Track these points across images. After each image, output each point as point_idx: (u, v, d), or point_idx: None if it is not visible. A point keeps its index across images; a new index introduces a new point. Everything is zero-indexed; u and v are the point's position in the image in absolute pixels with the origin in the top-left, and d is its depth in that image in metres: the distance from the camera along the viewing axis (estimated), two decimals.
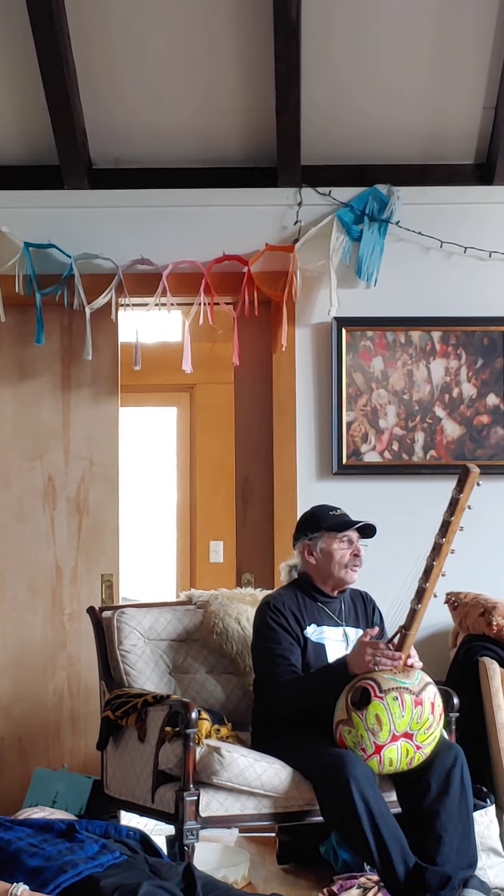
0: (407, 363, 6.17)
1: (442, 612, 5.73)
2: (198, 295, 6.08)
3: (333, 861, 5.04)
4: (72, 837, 3.65)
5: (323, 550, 4.91)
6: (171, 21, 5.67)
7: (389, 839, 4.25)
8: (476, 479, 4.41)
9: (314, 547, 4.93)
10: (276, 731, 4.78)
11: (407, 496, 6.12)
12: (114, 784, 5.02)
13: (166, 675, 5.20)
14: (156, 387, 8.72)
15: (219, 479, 8.67)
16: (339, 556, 4.89)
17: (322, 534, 4.92)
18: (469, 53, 5.83)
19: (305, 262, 6.15)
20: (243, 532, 6.32)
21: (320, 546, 4.91)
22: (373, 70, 5.90)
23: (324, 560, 4.91)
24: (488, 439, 6.14)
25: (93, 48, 5.77)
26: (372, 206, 6.18)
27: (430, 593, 4.48)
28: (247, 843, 5.58)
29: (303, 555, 4.95)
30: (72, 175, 6.19)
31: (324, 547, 4.91)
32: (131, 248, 6.17)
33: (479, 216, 6.25)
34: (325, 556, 4.91)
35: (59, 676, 6.17)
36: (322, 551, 4.91)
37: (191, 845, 4.40)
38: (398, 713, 4.36)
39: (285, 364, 6.20)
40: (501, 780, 5.18)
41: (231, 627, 5.29)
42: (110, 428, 6.28)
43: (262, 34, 5.64)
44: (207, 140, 6.21)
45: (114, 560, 6.23)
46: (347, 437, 6.13)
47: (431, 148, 6.26)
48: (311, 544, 4.93)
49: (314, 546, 4.93)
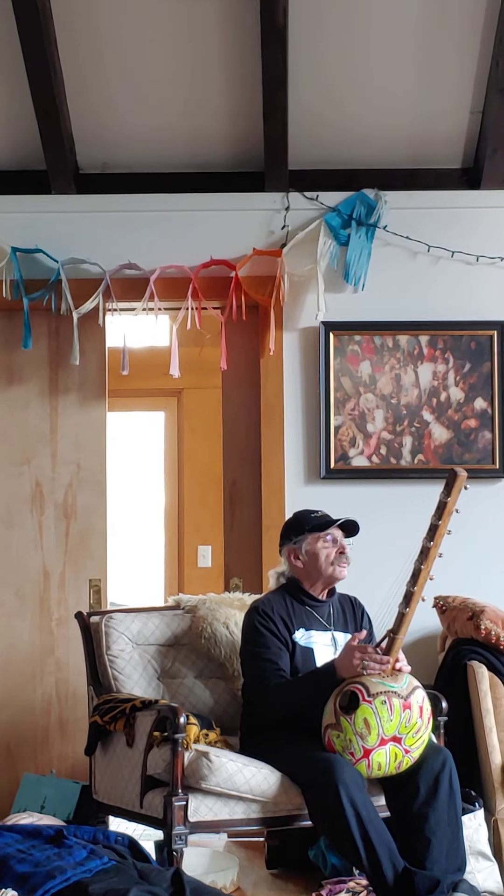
0: (395, 367, 6.18)
1: (430, 615, 5.73)
2: (185, 299, 6.08)
3: (322, 865, 5.04)
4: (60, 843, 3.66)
5: (308, 552, 4.91)
6: (158, 26, 5.67)
7: (378, 843, 4.25)
8: (464, 483, 4.42)
9: (299, 550, 4.93)
10: (264, 735, 4.78)
11: (395, 500, 6.12)
12: (102, 789, 5.01)
13: (154, 680, 5.20)
14: (143, 391, 8.72)
15: (207, 484, 8.67)
16: (324, 555, 4.89)
17: (305, 536, 4.92)
18: (455, 58, 5.84)
19: (293, 266, 6.15)
20: (231, 537, 6.32)
21: (305, 548, 4.92)
22: (360, 75, 5.90)
23: (310, 561, 4.91)
24: (476, 443, 6.15)
25: (80, 53, 5.77)
26: (359, 211, 6.19)
27: (419, 597, 4.49)
28: (236, 847, 5.57)
29: (289, 559, 4.96)
30: (59, 180, 6.19)
31: (308, 549, 4.91)
32: (118, 252, 6.17)
33: (467, 220, 6.26)
34: (311, 558, 4.91)
35: (48, 682, 6.16)
36: (308, 553, 4.91)
37: (179, 850, 4.39)
38: (387, 717, 4.37)
39: (273, 368, 6.20)
40: (490, 784, 5.18)
41: (219, 632, 5.29)
42: (98, 433, 6.27)
43: (249, 39, 5.64)
44: (195, 145, 6.22)
45: (102, 565, 6.22)
46: (335, 442, 6.13)
47: (418, 152, 6.27)
48: (296, 548, 4.94)
49: (299, 549, 4.93)
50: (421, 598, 4.50)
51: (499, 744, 5.21)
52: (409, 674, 4.55)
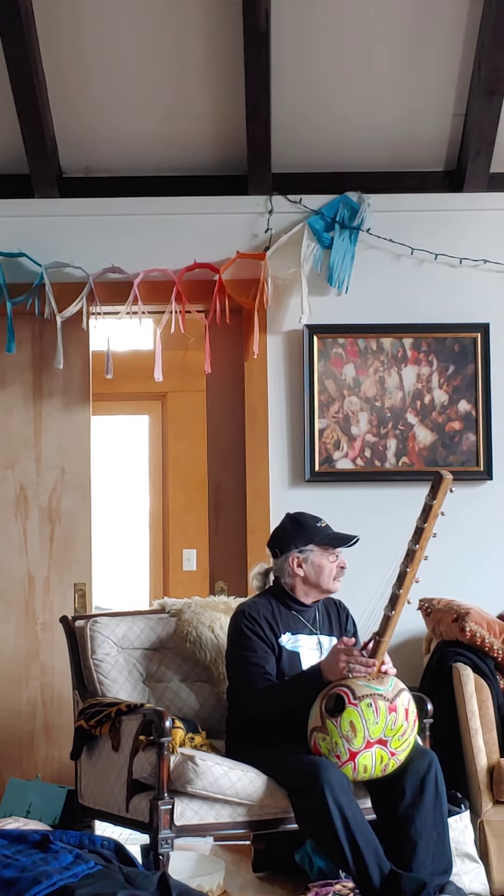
0: (379, 370, 6.18)
1: (415, 618, 5.74)
2: (169, 303, 6.08)
3: (309, 868, 5.04)
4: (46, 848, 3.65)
5: (314, 564, 4.90)
6: (140, 30, 5.67)
7: (364, 846, 4.25)
8: (449, 486, 4.42)
9: (305, 560, 4.91)
10: (250, 739, 4.77)
11: (379, 503, 6.13)
12: (88, 794, 5.00)
13: (140, 683, 5.19)
14: (127, 395, 8.71)
15: (191, 488, 8.67)
16: (328, 570, 4.90)
17: (315, 548, 4.91)
18: (438, 61, 5.85)
19: (276, 269, 6.16)
20: (216, 540, 6.32)
21: (312, 559, 4.90)
22: (343, 78, 5.91)
23: (314, 573, 4.90)
24: (460, 445, 6.16)
25: (63, 57, 5.76)
26: (343, 214, 6.19)
27: (404, 600, 4.49)
28: (222, 851, 5.57)
29: (291, 566, 4.92)
30: (42, 184, 6.18)
31: (315, 560, 4.90)
32: (102, 256, 6.16)
33: (450, 223, 6.27)
34: (315, 570, 4.90)
35: (33, 686, 6.15)
36: (313, 564, 4.90)
37: (165, 854, 4.39)
38: (372, 720, 4.37)
39: (257, 372, 6.20)
40: (475, 786, 5.19)
41: (204, 636, 5.28)
42: (82, 437, 6.27)
43: (232, 42, 5.64)
44: (178, 148, 6.22)
45: (86, 569, 6.22)
46: (320, 445, 6.14)
47: (402, 155, 6.28)
48: (302, 557, 4.91)
49: (305, 559, 4.90)
50: (406, 600, 4.50)
51: (484, 745, 5.22)
52: (395, 676, 4.55)
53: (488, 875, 4.99)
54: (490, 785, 5.16)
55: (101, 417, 7.41)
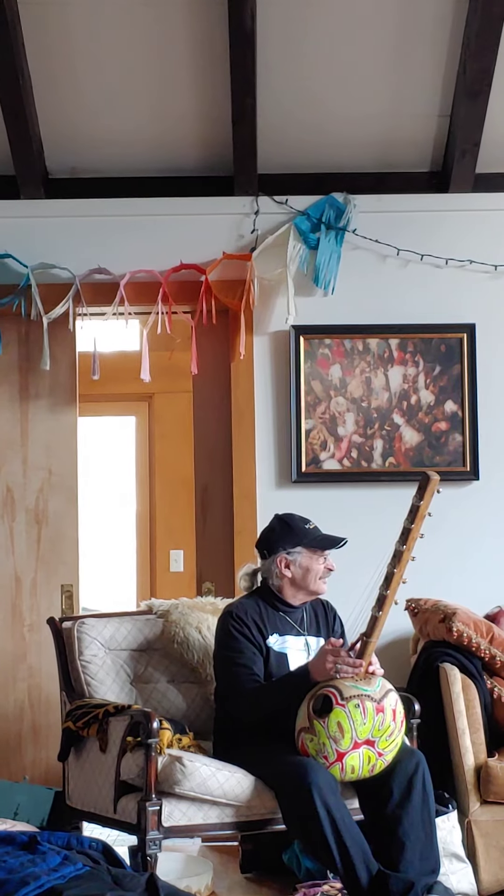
0: (365, 371, 6.19)
1: (402, 618, 5.74)
2: (155, 304, 6.08)
3: (296, 869, 5.04)
4: (34, 849, 3.64)
5: (302, 566, 4.90)
6: (126, 31, 5.67)
7: (352, 846, 4.26)
8: (436, 487, 4.42)
9: (293, 562, 4.90)
10: (237, 739, 4.77)
11: (366, 503, 6.13)
12: (75, 795, 4.99)
13: (127, 685, 5.19)
14: (114, 396, 8.71)
15: (178, 489, 8.66)
16: (315, 572, 4.90)
17: (303, 550, 4.91)
18: (423, 62, 5.86)
19: (263, 270, 6.16)
20: (203, 541, 6.32)
21: (300, 561, 4.90)
22: (328, 79, 5.91)
23: (301, 575, 4.90)
24: (447, 446, 6.16)
25: (48, 58, 5.76)
26: (328, 215, 6.20)
27: (391, 601, 4.49)
28: (210, 852, 5.57)
29: (279, 567, 4.92)
30: (28, 185, 6.18)
31: (303, 562, 4.90)
32: (88, 257, 6.16)
33: (435, 224, 6.28)
34: (303, 572, 4.90)
35: (20, 688, 6.14)
36: (301, 566, 4.90)
37: (153, 855, 4.39)
38: (360, 720, 4.37)
39: (243, 372, 6.20)
40: (463, 786, 5.19)
41: (192, 636, 5.28)
42: (69, 438, 6.26)
43: (218, 43, 5.64)
44: (164, 149, 6.21)
45: (73, 570, 6.21)
46: (306, 445, 6.14)
47: (387, 156, 6.28)
48: (291, 559, 4.91)
49: (293, 561, 4.90)
50: (394, 601, 4.50)
51: (471, 745, 5.23)
52: (382, 677, 4.55)
53: (476, 875, 4.99)
54: (477, 785, 5.17)
55: (87, 418, 7.41)
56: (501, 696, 5.39)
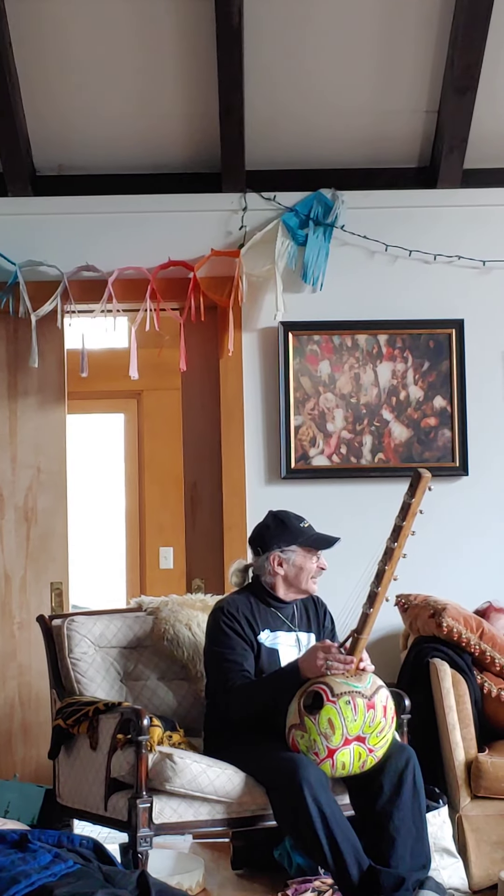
0: (354, 367, 6.19)
1: (392, 614, 5.74)
2: (143, 301, 6.07)
3: (287, 865, 5.04)
4: (24, 848, 3.64)
5: (295, 564, 4.89)
6: (113, 27, 5.66)
7: (343, 842, 4.26)
8: (428, 484, 4.42)
9: (286, 560, 4.90)
10: (228, 736, 4.77)
11: (356, 500, 6.13)
12: (66, 793, 4.99)
13: (117, 682, 5.19)
14: (103, 393, 8.69)
15: (167, 485, 8.66)
16: (307, 571, 4.90)
17: (297, 549, 4.91)
18: (411, 58, 5.86)
19: (251, 267, 6.16)
20: (193, 538, 6.31)
21: (293, 560, 4.89)
22: (316, 75, 5.91)
23: (294, 573, 4.90)
24: (436, 441, 6.17)
25: (35, 55, 5.74)
26: (317, 211, 6.19)
27: (382, 597, 4.49)
28: (201, 849, 5.57)
29: (272, 565, 4.91)
30: (15, 182, 6.17)
31: (296, 560, 4.89)
32: (76, 254, 6.15)
33: (423, 219, 6.28)
34: (295, 570, 4.90)
35: (10, 686, 6.13)
36: (294, 565, 4.90)
37: (144, 853, 4.38)
38: (350, 717, 4.37)
39: (232, 369, 6.20)
40: (453, 781, 5.20)
41: (182, 633, 5.28)
42: (58, 435, 6.26)
43: (205, 40, 5.64)
44: (151, 146, 6.21)
45: (63, 568, 6.20)
46: (295, 442, 6.14)
47: (375, 152, 6.28)
48: (284, 557, 4.90)
49: (287, 559, 4.90)
50: (385, 598, 4.50)
51: (462, 741, 5.23)
52: (373, 673, 4.55)
53: (467, 870, 5.00)
54: (468, 780, 5.17)
55: (76, 416, 7.40)
56: (491, 692, 5.39)
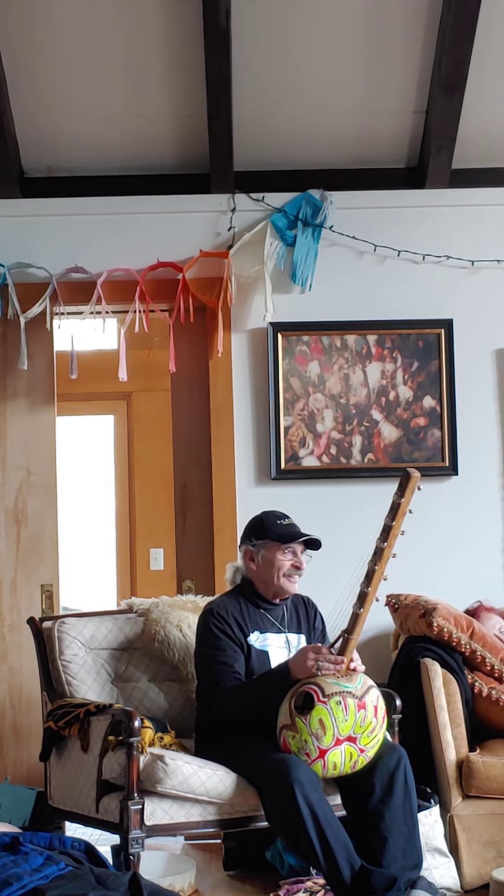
0: (343, 367, 6.19)
1: (383, 614, 5.74)
2: (133, 302, 6.07)
3: (279, 866, 5.04)
4: (16, 850, 3.63)
5: (265, 558, 4.89)
6: (101, 29, 5.66)
7: (335, 842, 4.26)
8: (417, 484, 4.42)
9: (256, 554, 4.91)
10: (219, 737, 4.77)
11: (346, 500, 6.14)
12: (57, 795, 4.99)
13: (108, 684, 5.18)
14: (92, 395, 8.69)
15: (158, 487, 8.65)
16: (278, 567, 4.88)
17: (266, 542, 4.90)
18: (399, 58, 5.86)
19: (240, 268, 6.16)
20: (183, 539, 6.31)
21: (262, 553, 4.90)
22: (304, 75, 5.91)
23: (264, 568, 4.90)
24: (425, 441, 6.17)
25: (23, 56, 5.74)
26: (305, 211, 6.20)
27: (373, 598, 4.49)
28: (193, 850, 5.57)
29: (245, 560, 4.94)
30: (4, 184, 6.16)
31: (266, 555, 4.89)
32: (65, 256, 6.15)
33: (412, 220, 6.29)
34: (265, 564, 4.89)
35: (1, 688, 6.13)
36: (263, 559, 4.89)
37: (136, 854, 4.38)
38: (341, 717, 4.37)
39: (222, 370, 6.20)
40: (445, 781, 5.20)
41: (172, 635, 5.27)
42: (47, 437, 6.25)
43: (193, 41, 5.64)
44: (139, 147, 6.21)
45: (53, 570, 6.20)
46: (285, 442, 6.14)
47: (363, 152, 6.29)
48: (254, 551, 4.91)
49: (256, 553, 4.91)
50: (375, 598, 4.50)
51: (453, 740, 5.23)
52: (364, 673, 4.55)
53: (458, 869, 5.00)
54: (459, 779, 5.17)
55: (66, 418, 7.40)
56: (482, 691, 5.39)
